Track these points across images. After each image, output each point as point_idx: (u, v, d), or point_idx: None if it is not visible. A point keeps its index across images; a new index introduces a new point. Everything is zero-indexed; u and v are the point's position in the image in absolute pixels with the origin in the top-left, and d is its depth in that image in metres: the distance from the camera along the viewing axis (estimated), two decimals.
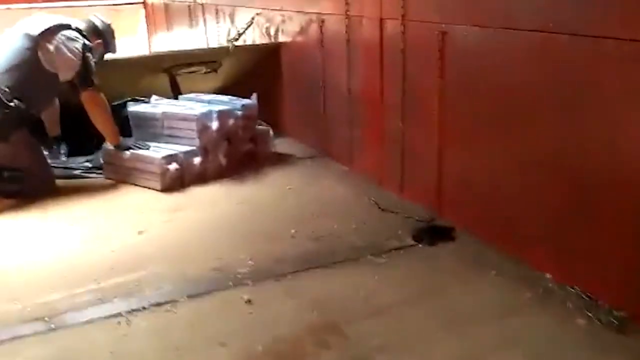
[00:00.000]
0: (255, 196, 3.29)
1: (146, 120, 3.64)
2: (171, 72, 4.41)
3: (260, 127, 3.93)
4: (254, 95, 3.82)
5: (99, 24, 3.59)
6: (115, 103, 3.94)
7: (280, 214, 3.04)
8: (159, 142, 3.58)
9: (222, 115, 3.57)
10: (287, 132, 4.41)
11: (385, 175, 3.32)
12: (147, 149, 3.50)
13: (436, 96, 2.81)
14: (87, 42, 3.39)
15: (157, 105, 3.73)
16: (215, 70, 4.55)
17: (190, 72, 4.51)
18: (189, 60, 4.46)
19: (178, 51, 4.25)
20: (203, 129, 3.49)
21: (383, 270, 2.43)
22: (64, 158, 3.82)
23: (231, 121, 3.62)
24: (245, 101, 3.77)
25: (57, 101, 3.74)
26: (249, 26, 4.81)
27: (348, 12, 3.41)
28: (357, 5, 3.37)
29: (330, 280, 2.38)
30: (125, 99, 4.03)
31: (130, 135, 3.69)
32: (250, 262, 2.50)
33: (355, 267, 2.48)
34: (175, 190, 3.37)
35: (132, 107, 3.73)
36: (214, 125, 3.51)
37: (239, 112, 3.69)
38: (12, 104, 3.13)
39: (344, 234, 2.75)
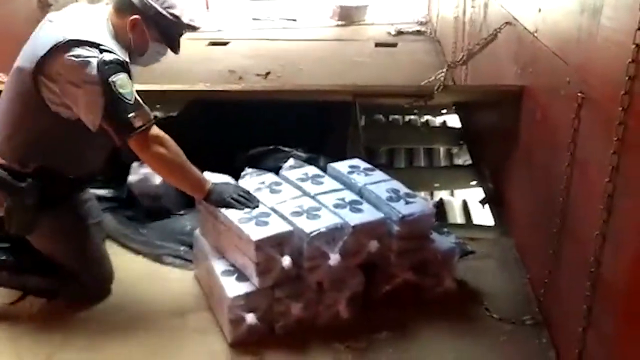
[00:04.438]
0: None
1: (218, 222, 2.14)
2: (355, 101, 3.05)
3: (442, 243, 2.28)
4: (431, 203, 2.21)
5: None
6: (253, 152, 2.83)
7: None
8: None
9: (360, 232, 2.04)
10: (510, 231, 2.71)
11: None
12: (255, 206, 2.09)
13: None
14: (107, 54, 1.88)
15: (264, 189, 2.24)
16: (424, 103, 3.04)
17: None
18: (378, 94, 3.04)
19: (364, 86, 3.02)
20: (316, 257, 2.02)
21: None
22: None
23: (374, 244, 2.08)
24: (412, 208, 2.15)
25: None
26: (489, 42, 3.07)
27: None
28: None
29: None
30: (267, 147, 2.88)
31: None
32: None
33: None
34: (250, 353, 2.03)
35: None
36: (334, 258, 2.00)
37: (395, 228, 2.12)
38: (23, 184, 2.01)
39: None
